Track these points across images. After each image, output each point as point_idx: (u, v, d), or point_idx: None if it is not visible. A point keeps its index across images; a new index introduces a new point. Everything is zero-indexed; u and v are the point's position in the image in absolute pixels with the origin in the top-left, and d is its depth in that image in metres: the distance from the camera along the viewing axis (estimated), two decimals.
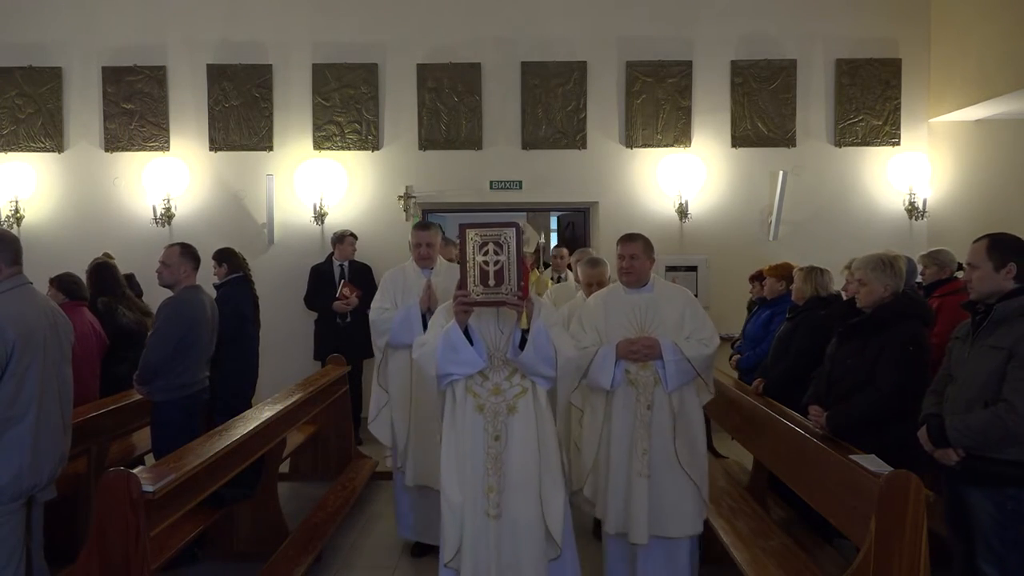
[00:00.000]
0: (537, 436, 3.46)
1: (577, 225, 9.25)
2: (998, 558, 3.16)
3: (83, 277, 5.79)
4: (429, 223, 5.14)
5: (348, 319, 7.45)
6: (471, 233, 3.35)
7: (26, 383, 3.20)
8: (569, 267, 7.21)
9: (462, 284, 3.36)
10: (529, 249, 6.41)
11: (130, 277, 6.51)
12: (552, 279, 8.04)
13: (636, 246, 4.04)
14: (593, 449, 4.05)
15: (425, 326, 4.34)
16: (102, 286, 5.81)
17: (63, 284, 5.48)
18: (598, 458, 4.03)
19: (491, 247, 3.34)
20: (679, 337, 3.92)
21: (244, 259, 6.01)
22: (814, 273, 5.45)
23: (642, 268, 4.04)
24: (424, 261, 4.95)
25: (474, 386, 3.48)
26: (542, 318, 3.43)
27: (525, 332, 3.38)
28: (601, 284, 4.82)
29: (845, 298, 4.89)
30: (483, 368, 3.47)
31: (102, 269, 5.90)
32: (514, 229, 3.33)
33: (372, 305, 4.97)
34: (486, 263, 3.33)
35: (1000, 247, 3.30)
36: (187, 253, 4.97)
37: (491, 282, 3.34)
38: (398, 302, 4.87)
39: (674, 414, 3.89)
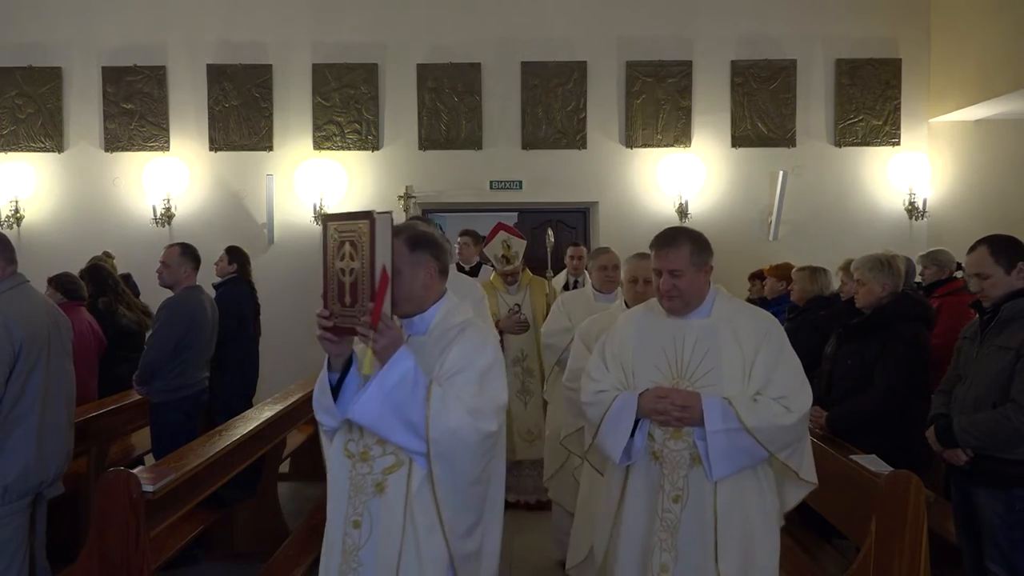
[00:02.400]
0: (403, 536, 2.30)
1: (566, 226, 9.04)
2: (1006, 558, 3.16)
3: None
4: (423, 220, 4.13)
5: None
6: (330, 227, 2.37)
7: (31, 381, 3.22)
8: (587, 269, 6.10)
9: (324, 300, 2.39)
10: (516, 260, 5.90)
11: (126, 277, 6.51)
12: (570, 283, 6.89)
13: (680, 255, 2.67)
14: (604, 539, 2.82)
15: None
16: (100, 286, 5.81)
17: (62, 284, 5.48)
18: (607, 556, 2.82)
19: (347, 248, 2.30)
20: (741, 391, 2.61)
21: (249, 262, 6.04)
22: (818, 273, 5.45)
23: (692, 288, 2.71)
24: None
25: (349, 444, 2.41)
26: (447, 361, 2.34)
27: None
28: (646, 289, 3.42)
29: (844, 299, 4.90)
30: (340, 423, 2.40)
31: (96, 270, 5.90)
32: (368, 222, 2.24)
33: None
34: (343, 271, 2.32)
35: (1004, 250, 3.29)
36: (187, 253, 4.97)
37: (347, 299, 2.31)
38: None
39: (716, 516, 2.58)
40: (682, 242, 2.70)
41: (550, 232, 6.60)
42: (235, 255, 5.93)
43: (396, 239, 2.33)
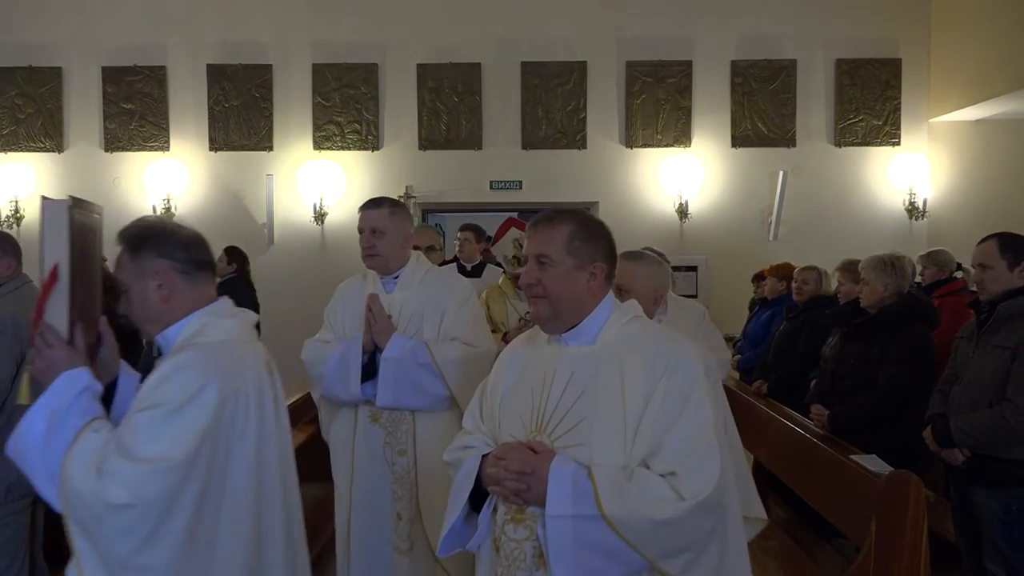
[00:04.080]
0: None
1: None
2: (1004, 558, 3.16)
3: None
4: (382, 198, 3.25)
5: None
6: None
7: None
8: None
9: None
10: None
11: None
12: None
13: (552, 237, 1.95)
14: None
15: (370, 373, 3.05)
16: None
17: None
18: None
19: None
20: (619, 456, 1.82)
21: (248, 261, 6.04)
22: (817, 273, 5.45)
23: (564, 289, 1.94)
24: (373, 261, 3.17)
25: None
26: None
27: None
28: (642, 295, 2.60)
29: (842, 299, 4.90)
30: None
31: None
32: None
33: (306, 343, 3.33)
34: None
35: (1012, 246, 3.30)
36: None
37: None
38: (347, 331, 3.26)
39: None
40: (561, 222, 1.93)
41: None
42: (234, 255, 5.93)
43: (117, 244, 1.91)
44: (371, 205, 3.15)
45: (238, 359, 1.91)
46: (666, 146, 8.45)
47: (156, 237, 1.91)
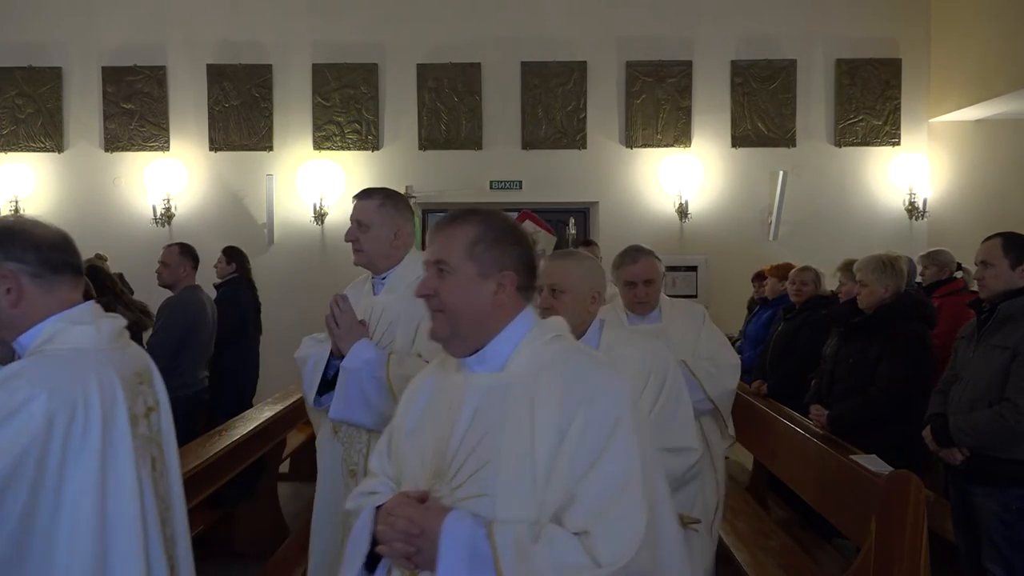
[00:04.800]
0: None
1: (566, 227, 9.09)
2: (1004, 557, 3.17)
3: None
4: (376, 189, 2.98)
5: None
6: None
7: None
8: None
9: None
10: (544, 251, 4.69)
11: (119, 276, 6.52)
12: None
13: (454, 240, 1.69)
14: None
15: (328, 382, 2.80)
16: (99, 287, 5.82)
17: None
18: None
19: None
20: (527, 510, 1.53)
21: (249, 261, 6.04)
22: (814, 274, 5.46)
23: (462, 301, 1.67)
24: (356, 257, 2.92)
25: None
26: None
27: None
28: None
29: (842, 299, 4.90)
30: None
31: (93, 271, 5.91)
32: None
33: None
34: None
35: (1015, 246, 3.31)
36: (186, 253, 4.99)
37: None
38: None
39: None
40: (464, 223, 1.67)
41: (572, 222, 5.87)
42: (233, 255, 5.94)
43: None
44: (362, 195, 2.88)
45: (83, 368, 1.73)
46: (666, 146, 8.45)
47: (3, 239, 1.78)
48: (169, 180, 8.31)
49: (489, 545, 1.48)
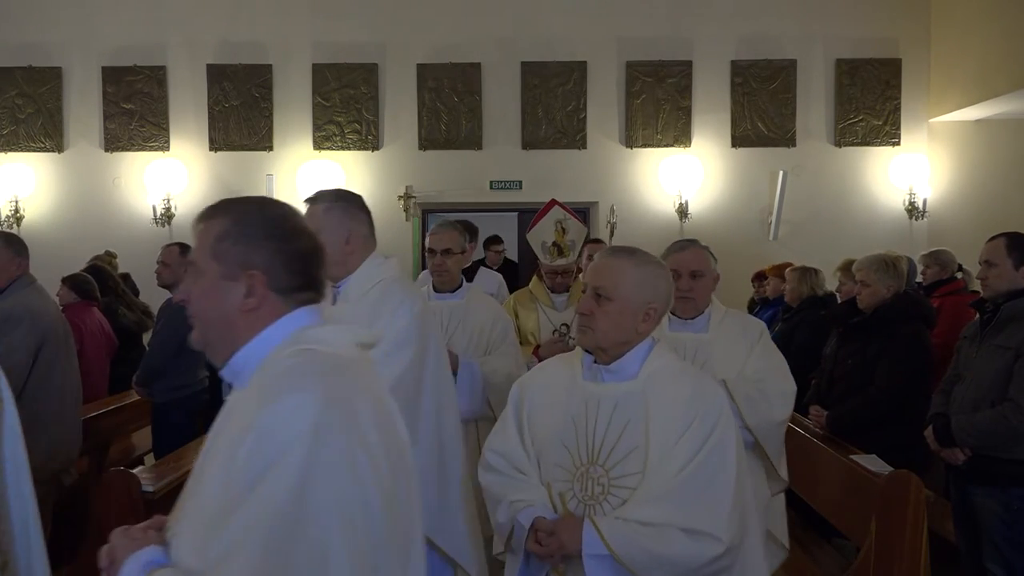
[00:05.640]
0: None
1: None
2: (1004, 557, 3.16)
3: None
4: (321, 192, 2.82)
5: None
6: None
7: (53, 372, 3.35)
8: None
9: None
10: (571, 254, 4.32)
11: (126, 277, 6.52)
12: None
13: (198, 234, 1.53)
14: None
15: None
16: (101, 287, 5.83)
17: (76, 284, 5.49)
18: None
19: None
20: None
21: None
22: (808, 273, 5.47)
23: (198, 307, 1.54)
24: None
25: None
26: None
27: None
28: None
29: (841, 299, 4.90)
30: None
31: (97, 271, 5.92)
32: None
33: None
34: None
35: (1019, 246, 3.31)
36: (186, 253, 4.98)
37: None
38: None
39: None
40: (212, 217, 1.50)
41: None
42: None
43: None
44: (310, 200, 2.69)
45: None
46: (666, 146, 8.45)
47: None
48: (169, 180, 8.31)
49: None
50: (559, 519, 2.01)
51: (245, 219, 1.47)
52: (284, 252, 1.45)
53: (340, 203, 2.71)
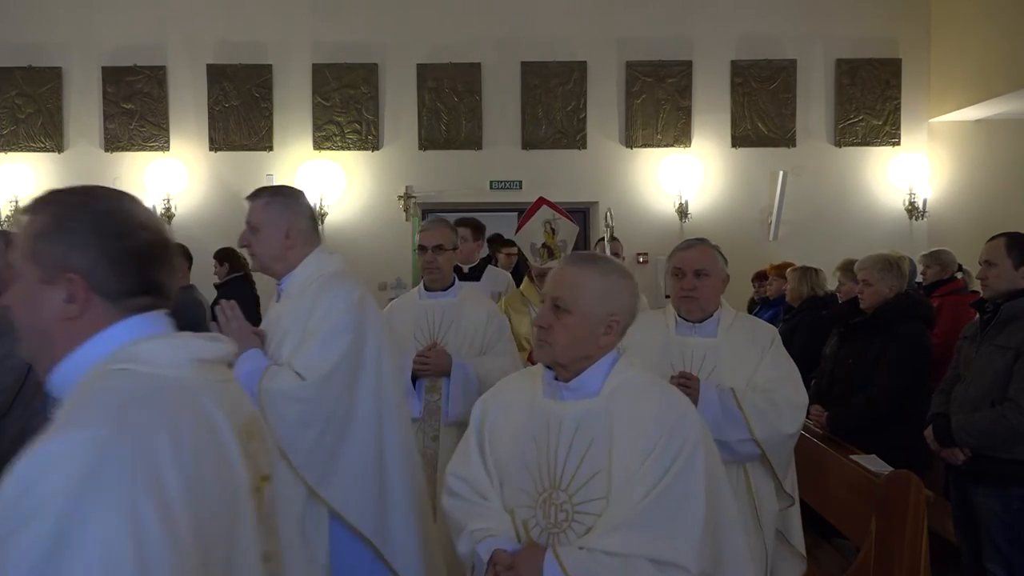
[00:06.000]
0: None
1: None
2: (1004, 557, 3.17)
3: None
4: (264, 187, 2.86)
5: None
6: None
7: None
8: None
9: None
10: (561, 255, 4.23)
11: None
12: None
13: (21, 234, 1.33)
14: None
15: None
16: None
17: None
18: None
19: None
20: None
21: (245, 259, 6.02)
22: (808, 273, 5.48)
23: (19, 318, 1.36)
24: (252, 262, 2.82)
25: None
26: None
27: None
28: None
29: (841, 299, 4.91)
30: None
31: None
32: None
33: None
34: None
35: (1019, 246, 3.32)
36: (180, 253, 4.98)
37: None
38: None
39: None
40: (31, 212, 1.32)
41: (609, 214, 5.14)
42: (225, 257, 5.95)
43: None
44: (251, 195, 2.69)
45: None
46: (666, 146, 8.44)
47: None
48: (169, 180, 8.31)
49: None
50: (519, 551, 1.90)
51: (67, 214, 1.28)
52: (113, 251, 1.26)
53: (278, 197, 2.67)
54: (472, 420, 2.17)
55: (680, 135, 8.44)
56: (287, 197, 2.69)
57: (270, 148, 8.38)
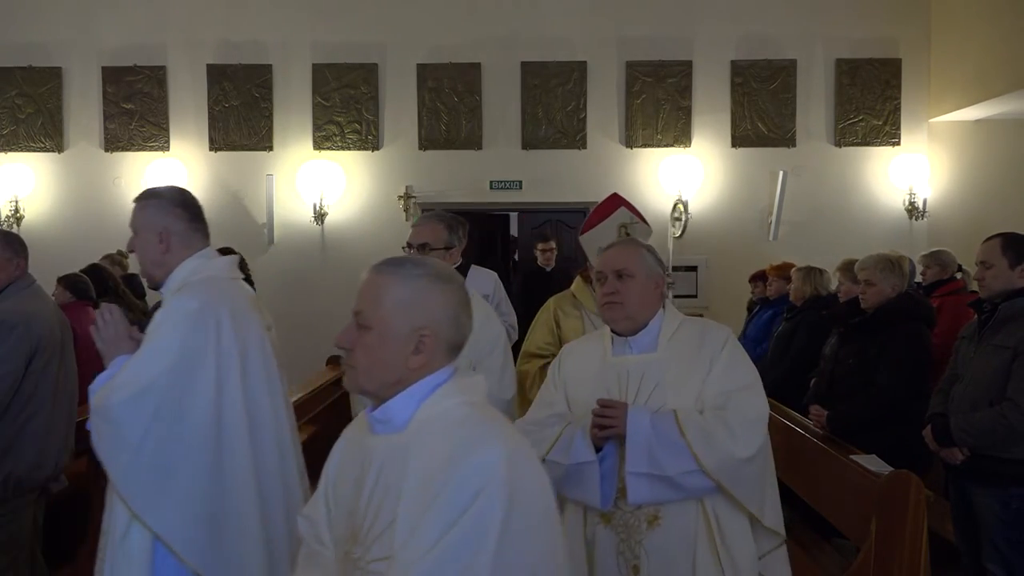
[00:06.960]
0: None
1: (566, 226, 9.13)
2: (1004, 557, 3.17)
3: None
4: (147, 189, 2.74)
5: None
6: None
7: (45, 377, 3.29)
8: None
9: None
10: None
11: (132, 277, 6.52)
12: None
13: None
14: None
15: None
16: (100, 287, 5.82)
17: (72, 284, 5.48)
18: None
19: None
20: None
21: (244, 260, 6.02)
22: (812, 273, 5.47)
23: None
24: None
25: None
26: None
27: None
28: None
29: (842, 299, 4.91)
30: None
31: (95, 271, 5.91)
32: None
33: None
34: None
35: (1015, 245, 3.33)
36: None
37: None
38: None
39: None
40: (139, 197, 1.40)
41: (683, 208, 4.45)
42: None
43: None
44: (135, 199, 2.57)
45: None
46: (666, 146, 8.45)
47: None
48: (169, 180, 8.29)
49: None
50: None
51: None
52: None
53: (152, 200, 2.54)
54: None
55: (680, 135, 8.44)
56: (161, 199, 2.54)
57: (270, 148, 8.39)
